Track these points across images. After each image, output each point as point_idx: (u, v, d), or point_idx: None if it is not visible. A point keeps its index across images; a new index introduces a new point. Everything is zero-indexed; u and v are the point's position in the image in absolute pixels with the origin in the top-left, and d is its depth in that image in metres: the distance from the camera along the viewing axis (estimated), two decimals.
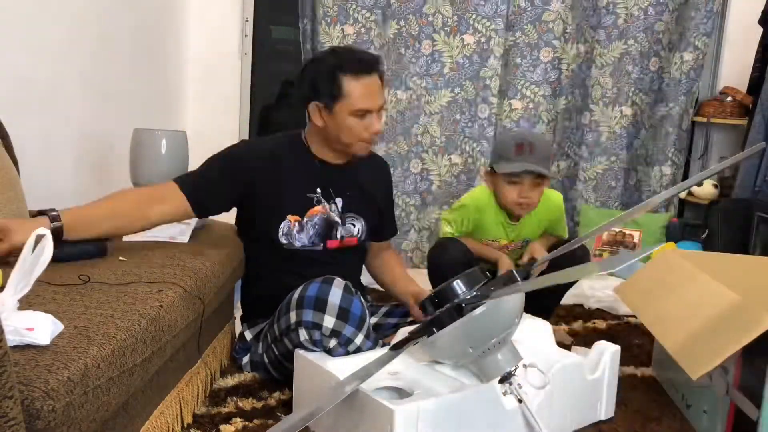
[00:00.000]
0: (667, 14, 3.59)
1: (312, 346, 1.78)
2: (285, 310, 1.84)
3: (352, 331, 1.77)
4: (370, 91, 1.92)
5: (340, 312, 1.75)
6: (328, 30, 3.55)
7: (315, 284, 1.79)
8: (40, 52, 2.40)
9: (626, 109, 3.70)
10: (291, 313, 1.80)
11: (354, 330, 1.77)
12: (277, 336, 1.89)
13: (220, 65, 3.75)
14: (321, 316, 1.74)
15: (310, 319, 1.76)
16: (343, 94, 1.89)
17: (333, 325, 1.74)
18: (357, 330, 1.77)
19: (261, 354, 1.99)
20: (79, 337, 1.17)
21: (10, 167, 1.98)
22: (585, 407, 1.81)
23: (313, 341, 1.77)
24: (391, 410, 1.44)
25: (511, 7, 3.59)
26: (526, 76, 3.67)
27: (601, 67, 3.68)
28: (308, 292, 1.78)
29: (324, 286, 1.77)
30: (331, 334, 1.75)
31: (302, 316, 1.77)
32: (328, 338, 1.76)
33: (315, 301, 1.76)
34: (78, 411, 1.05)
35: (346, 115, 1.91)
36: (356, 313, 1.76)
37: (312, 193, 2.03)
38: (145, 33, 3.25)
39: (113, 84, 2.94)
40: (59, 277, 1.48)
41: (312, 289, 1.78)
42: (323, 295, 1.76)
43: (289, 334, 1.82)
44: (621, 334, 2.56)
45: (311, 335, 1.77)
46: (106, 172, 2.86)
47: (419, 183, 3.69)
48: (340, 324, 1.75)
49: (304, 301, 1.77)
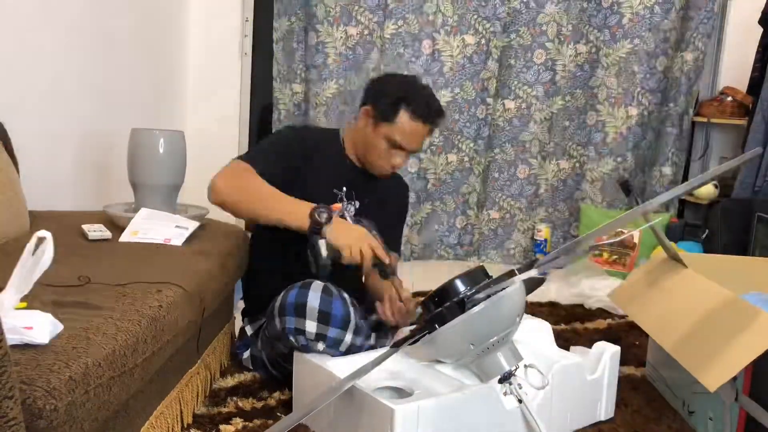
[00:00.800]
0: (674, 12, 3.59)
1: (303, 350, 1.78)
2: (271, 316, 1.85)
3: (337, 332, 1.76)
4: (415, 135, 2.02)
5: (320, 315, 1.74)
6: (331, 31, 3.55)
7: (294, 290, 1.79)
8: (40, 52, 2.40)
9: (632, 109, 3.70)
10: (276, 321, 1.81)
11: (339, 330, 1.76)
12: (271, 338, 1.89)
13: (220, 65, 3.75)
14: (302, 322, 1.74)
15: (292, 326, 1.75)
16: (394, 121, 1.99)
17: (315, 329, 1.74)
18: (342, 330, 1.76)
19: (260, 350, 2.00)
20: (80, 337, 1.17)
21: (10, 167, 1.98)
22: (585, 407, 1.81)
23: (301, 346, 1.77)
24: (392, 409, 1.44)
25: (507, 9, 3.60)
26: (519, 77, 3.68)
27: (606, 68, 3.68)
28: (288, 299, 1.78)
29: (302, 290, 1.77)
30: (316, 337, 1.75)
31: (285, 323, 1.77)
32: (314, 342, 1.75)
33: (295, 308, 1.76)
34: (79, 410, 1.05)
35: (382, 137, 2.00)
36: (337, 314, 1.76)
37: (338, 190, 2.08)
38: (145, 33, 3.26)
39: (113, 84, 2.94)
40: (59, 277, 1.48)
41: (291, 295, 1.78)
42: (302, 299, 1.75)
43: (281, 339, 1.82)
44: (621, 334, 2.56)
45: (297, 341, 1.76)
46: (105, 172, 2.86)
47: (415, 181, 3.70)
48: (322, 327, 1.74)
49: (285, 309, 1.77)
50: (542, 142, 3.75)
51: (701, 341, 1.68)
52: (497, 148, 3.77)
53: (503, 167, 3.79)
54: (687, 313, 1.82)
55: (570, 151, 3.80)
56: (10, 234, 1.83)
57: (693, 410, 1.84)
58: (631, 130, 3.71)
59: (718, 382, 1.51)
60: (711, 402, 1.74)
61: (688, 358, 1.66)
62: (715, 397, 1.70)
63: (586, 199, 3.79)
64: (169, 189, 2.18)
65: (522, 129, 3.74)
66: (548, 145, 3.76)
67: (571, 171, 3.82)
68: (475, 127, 3.69)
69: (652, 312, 1.96)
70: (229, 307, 2.21)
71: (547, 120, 3.73)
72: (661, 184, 3.73)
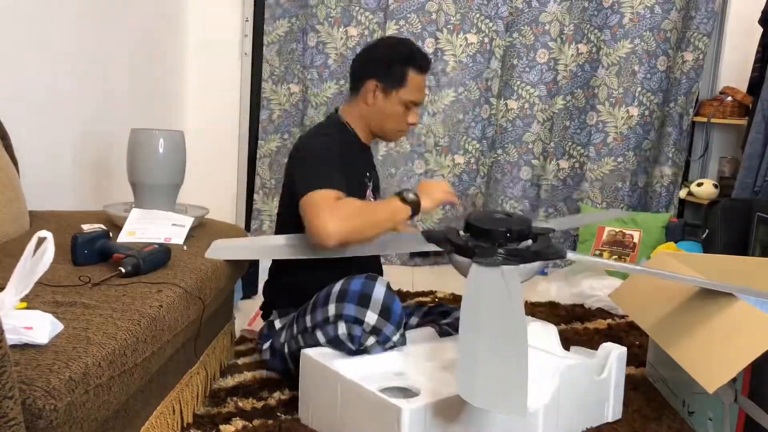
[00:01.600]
0: (675, 12, 3.59)
1: (349, 342, 1.75)
2: (323, 302, 1.81)
3: (392, 329, 1.75)
4: (423, 88, 2.06)
5: (383, 309, 1.73)
6: (332, 32, 3.56)
7: (359, 279, 1.78)
8: (40, 52, 2.40)
9: (633, 109, 3.70)
10: (329, 306, 1.78)
11: (393, 329, 1.75)
12: (308, 328, 1.85)
13: (220, 65, 3.75)
14: (364, 312, 1.73)
15: (352, 314, 1.73)
16: (405, 84, 2.01)
17: (375, 321, 1.73)
18: (396, 329, 1.76)
19: (283, 343, 1.95)
20: (80, 337, 1.17)
21: (10, 167, 1.98)
22: (592, 408, 1.80)
23: (351, 336, 1.74)
24: (399, 408, 1.44)
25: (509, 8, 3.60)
26: (522, 77, 3.68)
27: (607, 67, 3.68)
28: (352, 286, 1.76)
29: (368, 281, 1.77)
30: (372, 330, 1.73)
31: (343, 310, 1.75)
32: (368, 335, 1.74)
33: (359, 296, 1.74)
34: (79, 410, 1.05)
35: (397, 103, 2.02)
36: (397, 312, 1.75)
37: (365, 178, 2.10)
38: (144, 33, 3.26)
39: (113, 84, 2.94)
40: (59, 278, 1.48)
41: (356, 283, 1.77)
42: (368, 290, 1.75)
43: (325, 327, 1.79)
44: (621, 334, 2.56)
45: (351, 330, 1.74)
46: (106, 173, 2.86)
47: None
48: (381, 321, 1.73)
49: (347, 295, 1.76)
50: (544, 142, 3.75)
51: (700, 342, 1.68)
52: (500, 149, 3.77)
53: (506, 168, 3.79)
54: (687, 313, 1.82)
55: (570, 151, 3.80)
56: (11, 234, 1.83)
57: (693, 410, 1.84)
58: (632, 129, 3.71)
59: (716, 384, 1.51)
60: (711, 402, 1.74)
61: (687, 358, 1.66)
62: (715, 398, 1.70)
63: (586, 199, 3.79)
64: (169, 189, 2.17)
65: (525, 129, 3.73)
66: (549, 145, 3.76)
67: (571, 171, 3.82)
68: (480, 127, 3.69)
69: (652, 312, 1.96)
70: (229, 307, 2.21)
71: (548, 120, 3.73)
72: (662, 183, 3.73)
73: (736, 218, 3.07)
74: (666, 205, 3.74)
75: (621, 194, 3.78)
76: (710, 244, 3.15)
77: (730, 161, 3.70)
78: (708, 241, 3.17)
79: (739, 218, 3.05)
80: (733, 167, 3.62)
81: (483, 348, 1.43)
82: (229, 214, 3.81)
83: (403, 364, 1.77)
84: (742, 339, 1.57)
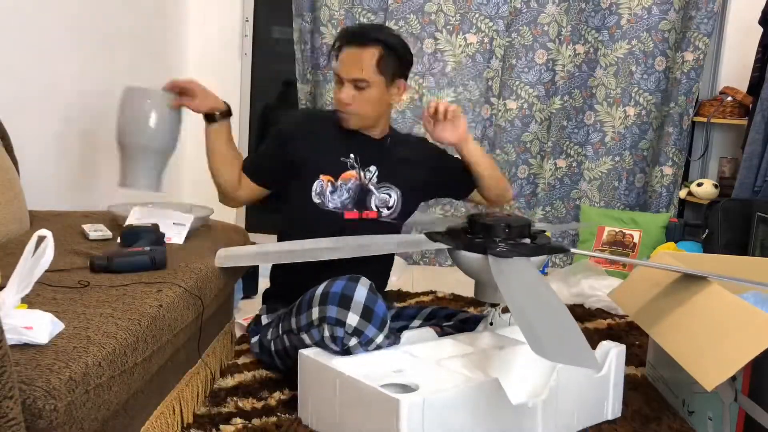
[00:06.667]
0: (673, 13, 3.59)
1: (333, 344, 1.76)
2: (307, 305, 1.82)
3: (374, 331, 1.75)
4: (346, 60, 2.01)
5: (364, 310, 1.73)
6: (335, 33, 3.56)
7: (340, 281, 1.78)
8: (40, 52, 2.40)
9: (630, 109, 3.70)
10: (314, 309, 1.79)
11: (376, 331, 1.76)
12: (294, 329, 1.86)
13: (220, 65, 3.75)
14: (345, 313, 1.73)
15: (334, 316, 1.74)
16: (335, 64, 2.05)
17: (356, 323, 1.73)
18: (378, 331, 1.76)
19: (270, 340, 1.98)
20: (80, 336, 1.17)
21: (10, 167, 1.98)
22: (592, 406, 1.81)
23: (335, 338, 1.75)
24: (397, 401, 1.45)
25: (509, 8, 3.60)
26: (521, 77, 3.68)
27: (605, 68, 3.68)
28: (333, 289, 1.77)
29: (350, 283, 1.77)
30: (354, 332, 1.73)
31: (326, 312, 1.75)
32: (350, 336, 1.74)
33: (340, 298, 1.75)
34: (79, 410, 1.05)
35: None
36: (379, 314, 1.75)
37: (345, 158, 2.08)
38: (145, 33, 3.26)
39: (113, 84, 2.94)
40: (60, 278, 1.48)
41: (337, 285, 1.77)
42: (348, 292, 1.75)
43: (310, 331, 1.80)
44: (621, 334, 2.56)
45: (333, 332, 1.74)
46: (106, 172, 2.86)
47: None
48: (363, 323, 1.74)
49: (329, 297, 1.76)
50: (542, 142, 3.75)
51: (700, 340, 1.68)
52: (498, 149, 3.77)
53: (504, 168, 3.78)
54: (686, 312, 1.82)
55: (567, 150, 3.80)
56: (11, 234, 1.83)
57: (693, 410, 1.84)
58: (629, 129, 3.71)
59: (715, 382, 1.51)
60: (711, 402, 1.74)
61: (686, 357, 1.66)
62: (715, 397, 1.70)
63: (584, 198, 3.79)
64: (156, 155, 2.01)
65: (524, 129, 3.73)
66: (546, 144, 3.76)
67: (569, 170, 3.82)
68: (481, 127, 3.69)
69: (652, 312, 1.96)
70: (229, 307, 2.21)
71: (546, 120, 3.73)
72: (662, 183, 3.73)
73: (736, 218, 3.07)
74: (666, 205, 3.74)
75: (618, 193, 3.78)
76: (710, 244, 3.15)
77: (730, 161, 3.70)
78: (708, 241, 3.17)
79: (739, 218, 3.05)
80: (733, 167, 3.62)
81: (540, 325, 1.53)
82: (230, 213, 3.81)
83: (402, 361, 1.78)
84: (741, 337, 1.57)
